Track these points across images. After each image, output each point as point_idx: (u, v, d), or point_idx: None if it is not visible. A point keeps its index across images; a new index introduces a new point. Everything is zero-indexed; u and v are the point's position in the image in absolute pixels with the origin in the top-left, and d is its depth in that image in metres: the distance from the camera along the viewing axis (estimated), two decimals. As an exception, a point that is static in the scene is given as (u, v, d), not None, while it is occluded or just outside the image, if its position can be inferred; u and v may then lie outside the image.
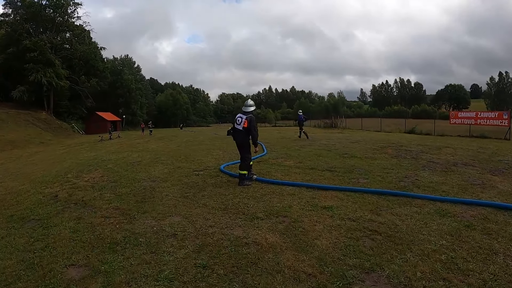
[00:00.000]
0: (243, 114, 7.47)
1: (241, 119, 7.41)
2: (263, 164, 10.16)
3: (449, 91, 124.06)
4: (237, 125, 7.48)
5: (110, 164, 11.49)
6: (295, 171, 8.98)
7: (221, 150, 14.20)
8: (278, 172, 8.87)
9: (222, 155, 12.34)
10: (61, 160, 15.69)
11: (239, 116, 7.51)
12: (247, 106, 7.54)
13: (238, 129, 7.46)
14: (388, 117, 56.39)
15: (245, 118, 7.34)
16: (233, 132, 7.62)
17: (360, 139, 17.80)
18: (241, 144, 7.51)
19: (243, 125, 7.32)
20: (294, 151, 12.93)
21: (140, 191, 7.10)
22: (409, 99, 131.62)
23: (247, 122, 7.28)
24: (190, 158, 11.80)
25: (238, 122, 7.44)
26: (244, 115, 7.40)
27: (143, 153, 14.42)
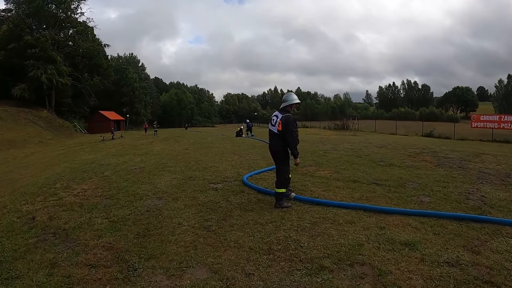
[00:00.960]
0: (279, 111, 5.71)
1: (276, 118, 5.63)
2: (293, 174, 8.34)
3: (457, 94, 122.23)
4: (271, 127, 5.73)
5: (108, 170, 9.71)
6: (336, 184, 7.25)
7: (235, 154, 12.46)
8: (316, 185, 7.12)
9: (239, 161, 10.60)
10: (55, 163, 13.96)
11: (274, 115, 5.75)
12: (284, 101, 5.74)
13: (272, 132, 5.71)
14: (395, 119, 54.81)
15: (279, 118, 5.53)
16: (269, 136, 5.84)
17: (384, 143, 16.04)
18: (275, 152, 5.74)
19: (278, 127, 5.53)
20: (320, 157, 11.23)
21: (142, 214, 5.32)
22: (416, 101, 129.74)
23: (281, 123, 5.49)
24: (201, 164, 10.02)
25: (273, 122, 5.68)
26: (280, 114, 5.60)
27: (146, 156, 12.64)
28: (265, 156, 10.93)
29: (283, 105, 5.64)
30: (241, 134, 26.02)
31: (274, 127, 5.60)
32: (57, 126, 44.64)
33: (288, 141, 5.49)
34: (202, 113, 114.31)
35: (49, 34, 45.71)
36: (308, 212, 5.28)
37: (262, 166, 9.52)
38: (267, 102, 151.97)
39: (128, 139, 27.90)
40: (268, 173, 8.50)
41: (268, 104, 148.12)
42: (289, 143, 5.49)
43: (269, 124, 5.80)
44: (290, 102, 5.59)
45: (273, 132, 5.63)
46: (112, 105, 68.28)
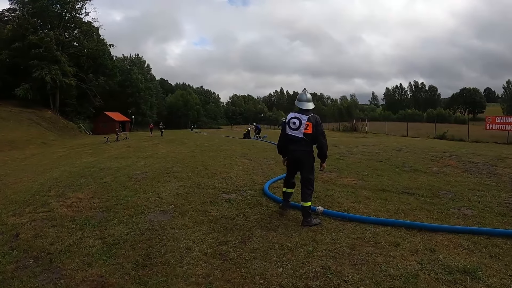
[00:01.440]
0: (300, 113, 4.89)
1: (299, 121, 4.79)
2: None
3: (464, 95, 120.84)
4: (291, 131, 4.86)
5: (108, 176, 8.87)
6: (364, 194, 6.35)
7: (246, 158, 11.59)
8: (343, 196, 6.23)
9: (251, 166, 9.72)
10: (54, 166, 13.15)
11: (294, 117, 4.87)
12: (307, 102, 4.97)
13: (296, 138, 4.82)
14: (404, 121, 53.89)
15: (307, 120, 4.75)
16: (286, 141, 4.98)
17: (401, 146, 15.09)
18: (301, 160, 4.87)
19: (304, 131, 4.73)
20: (338, 162, 10.33)
21: (143, 234, 4.42)
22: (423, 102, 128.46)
23: (311, 125, 4.74)
24: (210, 169, 9.15)
25: (295, 125, 4.81)
26: (304, 115, 4.81)
27: (151, 160, 11.79)
28: (278, 160, 10.06)
29: (308, 106, 4.92)
30: (249, 136, 25.18)
31: (297, 131, 4.78)
32: (61, 126, 44.03)
33: (322, 145, 4.84)
34: (208, 115, 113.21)
35: (53, 34, 45.15)
36: (343, 231, 4.38)
37: (277, 172, 8.64)
38: (273, 104, 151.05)
39: (133, 140, 27.13)
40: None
41: (274, 105, 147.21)
42: (323, 146, 4.85)
43: (287, 129, 4.91)
44: (312, 104, 5.01)
45: (296, 137, 4.79)
46: (117, 106, 67.54)
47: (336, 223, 4.71)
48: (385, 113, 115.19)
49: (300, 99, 4.99)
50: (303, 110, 4.87)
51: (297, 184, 5.26)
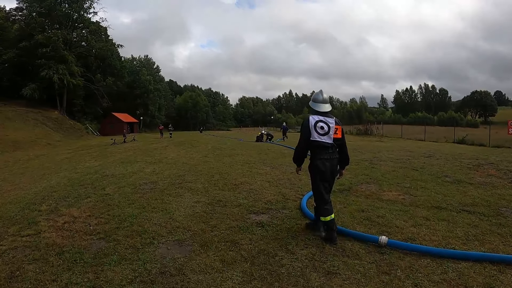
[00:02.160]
0: (325, 116, 4.27)
1: (327, 125, 4.18)
2: (355, 197, 6.30)
3: (475, 98, 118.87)
4: (320, 137, 4.15)
5: (110, 185, 7.68)
6: (421, 214, 5.19)
7: (266, 164, 10.42)
8: (397, 216, 5.06)
9: (275, 175, 8.51)
10: (54, 171, 12.03)
11: (320, 121, 4.20)
12: (324, 103, 4.34)
13: (326, 144, 4.15)
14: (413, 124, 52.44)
15: (335, 123, 4.23)
16: (311, 148, 4.22)
17: (428, 152, 13.86)
18: (334, 169, 4.28)
19: (334, 135, 4.20)
20: (369, 170, 9.15)
21: (153, 283, 3.14)
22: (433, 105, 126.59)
23: (340, 129, 4.30)
24: (229, 179, 7.93)
25: (324, 130, 4.16)
26: (330, 118, 4.25)
27: (160, 166, 10.60)
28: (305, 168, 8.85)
29: (325, 108, 4.30)
30: (262, 139, 23.95)
31: (326, 136, 4.13)
32: (68, 127, 43.14)
33: (347, 150, 4.39)
34: (216, 117, 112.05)
35: (61, 34, 44.28)
36: (420, 271, 3.27)
37: (306, 182, 7.31)
38: (282, 106, 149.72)
39: (141, 142, 26.00)
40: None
41: (283, 107, 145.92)
42: (347, 153, 4.39)
43: (313, 134, 4.14)
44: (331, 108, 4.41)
45: (327, 143, 4.12)
46: (125, 107, 66.70)
47: (407, 258, 3.59)
48: (395, 116, 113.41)
49: (316, 99, 4.33)
50: (326, 112, 4.26)
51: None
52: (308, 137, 4.13)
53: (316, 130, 4.12)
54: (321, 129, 4.11)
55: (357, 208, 5.41)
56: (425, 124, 46.38)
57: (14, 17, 47.87)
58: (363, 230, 4.42)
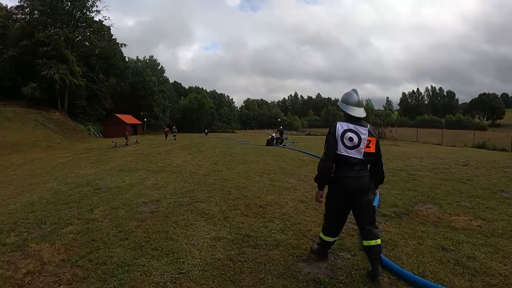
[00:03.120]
0: (356, 123, 3.33)
1: (357, 136, 3.26)
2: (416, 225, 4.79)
3: (483, 100, 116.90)
4: (347, 150, 3.26)
5: (101, 204, 6.11)
6: None
7: (288, 175, 8.94)
8: (486, 254, 3.81)
9: (305, 190, 6.93)
10: (43, 180, 10.42)
11: (349, 130, 3.29)
12: (358, 107, 3.38)
13: (354, 160, 3.26)
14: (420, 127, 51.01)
15: (368, 134, 3.28)
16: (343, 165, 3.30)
17: (461, 159, 12.28)
18: (362, 190, 3.30)
19: (365, 149, 3.27)
20: (412, 183, 7.67)
21: None
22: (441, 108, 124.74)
23: (374, 142, 3.34)
24: (251, 197, 6.35)
25: (353, 142, 3.26)
26: (363, 127, 3.31)
27: (164, 176, 9.01)
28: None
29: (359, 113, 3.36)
30: (273, 143, 22.31)
31: (355, 149, 3.25)
32: (69, 129, 41.61)
33: (381, 170, 3.48)
34: (221, 119, 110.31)
35: (62, 32, 42.86)
36: None
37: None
38: (288, 108, 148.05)
39: (144, 145, 24.41)
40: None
41: (288, 110, 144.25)
42: (382, 171, 3.51)
43: (339, 146, 3.27)
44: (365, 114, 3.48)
45: (355, 158, 3.26)
46: (129, 108, 65.15)
47: None
48: (402, 119, 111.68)
49: (348, 101, 3.41)
50: (358, 118, 3.35)
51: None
52: (333, 150, 3.26)
53: (343, 141, 3.24)
54: (349, 140, 3.23)
55: (435, 245, 4.01)
56: (428, 127, 44.86)
57: (15, 15, 46.58)
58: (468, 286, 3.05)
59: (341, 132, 3.26)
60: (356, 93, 3.44)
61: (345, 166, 3.26)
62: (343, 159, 3.25)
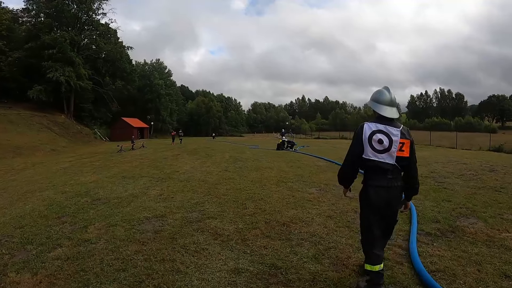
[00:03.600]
0: (387, 124, 2.86)
1: (387, 138, 2.80)
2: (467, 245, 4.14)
3: (492, 102, 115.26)
4: (376, 154, 2.80)
5: (97, 220, 5.31)
6: None
7: (307, 184, 8.19)
8: None
9: (330, 202, 6.14)
10: (40, 188, 9.62)
11: (379, 131, 2.82)
12: (391, 106, 2.93)
13: (385, 165, 2.80)
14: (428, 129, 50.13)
15: (400, 135, 2.81)
16: (371, 172, 2.87)
17: (485, 164, 11.47)
18: (392, 202, 2.86)
19: (398, 153, 2.80)
20: (444, 193, 6.87)
21: None
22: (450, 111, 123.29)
23: (409, 144, 2.84)
24: (270, 211, 5.55)
25: (382, 145, 2.79)
26: (395, 128, 2.84)
27: (170, 184, 8.21)
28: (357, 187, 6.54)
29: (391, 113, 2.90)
30: (283, 147, 21.48)
31: (385, 153, 2.78)
32: (75, 132, 41.08)
33: (417, 175, 2.96)
34: (228, 122, 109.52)
35: (68, 35, 42.47)
36: None
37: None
38: (295, 112, 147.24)
39: (150, 149, 23.68)
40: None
41: (296, 113, 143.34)
42: (416, 178, 2.97)
43: (366, 149, 2.81)
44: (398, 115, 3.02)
45: (386, 164, 2.78)
46: (136, 112, 64.79)
47: None
48: (411, 122, 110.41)
49: (379, 99, 2.95)
50: (389, 119, 2.87)
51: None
52: (359, 153, 2.88)
53: (371, 144, 2.84)
54: (378, 143, 2.82)
55: (496, 271, 3.33)
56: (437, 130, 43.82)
57: (21, 18, 46.33)
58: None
59: (368, 134, 2.84)
60: (388, 91, 3.01)
61: (376, 173, 2.84)
62: (372, 164, 2.82)
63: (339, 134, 52.68)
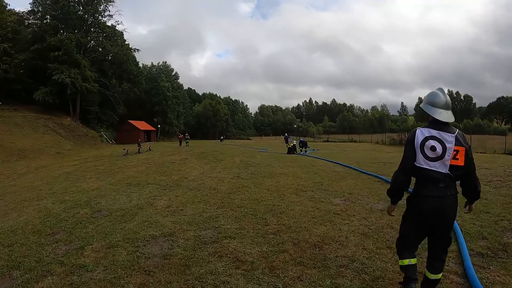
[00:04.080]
0: (440, 129, 2.66)
1: (441, 145, 2.60)
2: None
3: (501, 104, 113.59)
4: (428, 162, 2.62)
5: (96, 240, 4.62)
6: None
7: (330, 193, 7.47)
8: None
9: (360, 216, 5.42)
10: (39, 196, 8.95)
11: (433, 137, 2.64)
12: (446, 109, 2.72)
13: (437, 174, 2.59)
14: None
15: (455, 142, 2.59)
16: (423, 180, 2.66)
17: (507, 169, 10.38)
18: (445, 213, 2.62)
19: (452, 161, 2.59)
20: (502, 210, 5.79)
21: None
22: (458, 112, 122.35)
23: (464, 152, 2.61)
24: (296, 228, 4.84)
25: (435, 152, 2.60)
26: (449, 133, 2.63)
27: (178, 193, 7.52)
28: (386, 198, 5.96)
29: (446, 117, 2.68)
30: (294, 151, 20.75)
31: (438, 162, 2.58)
32: (81, 135, 40.57)
33: (477, 183, 2.73)
34: (236, 125, 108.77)
35: (74, 37, 42.08)
36: None
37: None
38: (302, 114, 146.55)
39: (157, 153, 23.01)
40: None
41: (303, 116, 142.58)
42: (476, 188, 2.73)
43: (418, 156, 2.62)
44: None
45: (439, 173, 2.58)
46: (143, 115, 64.17)
47: None
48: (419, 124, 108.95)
49: (433, 102, 2.73)
50: (444, 123, 2.65)
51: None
52: (411, 161, 2.64)
53: (423, 151, 2.61)
54: (431, 150, 2.58)
55: None
56: None
57: (27, 20, 46.07)
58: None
59: (421, 140, 2.66)
60: (443, 92, 2.77)
61: (426, 182, 2.64)
62: (423, 173, 2.64)
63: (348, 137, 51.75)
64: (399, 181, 2.79)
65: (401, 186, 2.80)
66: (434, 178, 2.61)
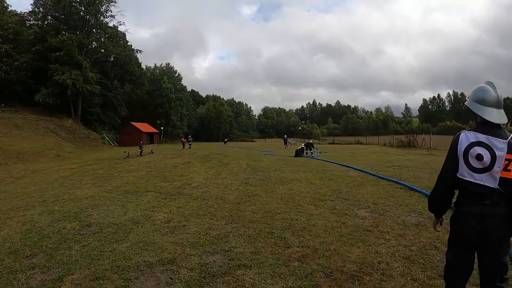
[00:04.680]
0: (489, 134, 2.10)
1: (490, 153, 2.04)
2: None
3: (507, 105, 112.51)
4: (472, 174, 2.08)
5: (80, 266, 3.76)
6: None
7: (351, 202, 6.62)
8: None
9: (395, 232, 4.54)
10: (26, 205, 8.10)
11: (479, 143, 2.09)
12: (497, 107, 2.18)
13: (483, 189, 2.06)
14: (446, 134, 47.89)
15: (507, 150, 2.01)
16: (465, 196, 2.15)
17: None
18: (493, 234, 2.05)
19: (503, 173, 2.03)
20: None
21: None
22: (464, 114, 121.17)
23: None
24: (321, 248, 4.03)
25: (481, 162, 2.05)
26: (500, 139, 2.05)
27: (181, 203, 6.68)
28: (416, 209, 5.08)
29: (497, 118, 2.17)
30: (302, 153, 19.86)
31: (485, 174, 2.08)
32: (82, 137, 39.79)
33: None
34: (239, 127, 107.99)
35: (75, 38, 41.40)
36: None
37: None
38: (306, 116, 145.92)
39: (159, 156, 22.19)
40: None
41: (307, 118, 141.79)
42: None
43: (461, 166, 2.13)
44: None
45: (485, 187, 2.08)
46: (145, 117, 63.35)
47: None
48: (424, 126, 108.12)
49: (484, 99, 2.23)
50: (495, 126, 2.16)
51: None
52: (452, 172, 2.18)
53: (466, 160, 2.12)
54: (477, 159, 2.08)
55: None
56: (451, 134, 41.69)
57: (28, 21, 45.41)
58: None
59: (465, 146, 2.13)
60: (494, 87, 2.23)
61: (468, 197, 2.13)
62: (466, 186, 2.12)
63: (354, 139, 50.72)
64: (438, 195, 2.33)
65: (440, 200, 2.34)
66: (478, 194, 2.12)
